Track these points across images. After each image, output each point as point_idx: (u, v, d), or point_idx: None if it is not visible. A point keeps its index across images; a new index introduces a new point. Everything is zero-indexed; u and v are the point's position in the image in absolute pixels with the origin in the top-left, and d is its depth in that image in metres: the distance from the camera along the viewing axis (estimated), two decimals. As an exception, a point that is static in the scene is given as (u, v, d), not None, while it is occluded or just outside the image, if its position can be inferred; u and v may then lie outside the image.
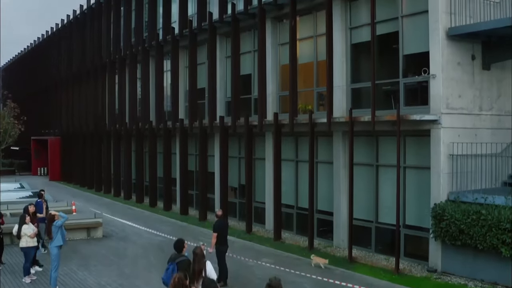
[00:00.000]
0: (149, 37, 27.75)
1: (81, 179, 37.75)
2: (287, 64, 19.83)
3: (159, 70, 27.21)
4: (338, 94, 18.09)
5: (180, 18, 25.17)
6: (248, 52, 22.60)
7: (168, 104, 27.80)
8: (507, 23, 14.63)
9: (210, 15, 23.03)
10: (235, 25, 21.81)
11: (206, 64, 24.23)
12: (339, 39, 18.11)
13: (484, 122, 16.31)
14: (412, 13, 16.31)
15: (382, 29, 17.09)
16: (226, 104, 23.84)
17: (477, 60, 16.11)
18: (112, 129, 32.24)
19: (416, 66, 16.42)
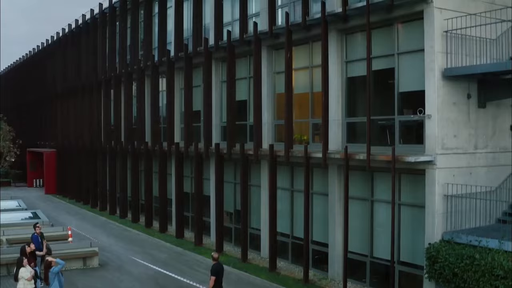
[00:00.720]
0: (145, 57, 27.66)
1: (77, 194, 37.66)
2: (283, 92, 19.82)
3: (155, 90, 27.13)
4: (333, 127, 18.07)
5: (176, 41, 25.09)
6: (244, 78, 22.57)
7: (164, 125, 27.68)
8: (503, 67, 14.67)
9: (206, 40, 22.96)
10: (231, 52, 21.75)
11: (201, 87, 24.18)
12: (334, 72, 18.09)
13: (479, 160, 16.31)
14: (408, 51, 16.30)
15: (378, 64, 17.07)
16: (221, 129, 23.81)
17: (473, 99, 16.10)
18: (108, 146, 32.15)
19: (412, 104, 16.42)
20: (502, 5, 16.81)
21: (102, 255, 21.10)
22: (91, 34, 34.24)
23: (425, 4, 15.31)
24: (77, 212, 33.00)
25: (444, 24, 15.29)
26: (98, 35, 33.21)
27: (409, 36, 16.37)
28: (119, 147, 30.65)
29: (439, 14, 15.27)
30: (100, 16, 32.93)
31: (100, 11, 32.66)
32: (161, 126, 27.87)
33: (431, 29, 15.27)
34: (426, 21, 15.41)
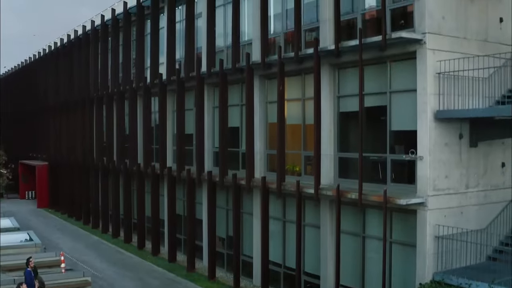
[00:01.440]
0: (137, 78, 27.44)
1: (69, 209, 37.46)
2: (275, 122, 19.77)
3: (147, 111, 26.97)
4: (325, 162, 18.02)
5: (168, 64, 24.87)
6: (236, 105, 22.47)
7: (156, 145, 27.53)
8: (494, 112, 14.67)
9: (198, 67, 22.84)
10: (223, 80, 21.65)
11: (194, 111, 24.08)
12: (327, 106, 18.03)
13: (470, 199, 16.31)
14: (401, 90, 16.25)
15: (370, 101, 17.02)
16: (214, 154, 23.72)
17: (465, 139, 16.08)
18: (100, 164, 31.97)
19: (404, 143, 16.41)
20: (495, 41, 16.89)
21: (95, 283, 20.97)
22: (83, 49, 33.96)
23: (418, 45, 15.26)
24: (70, 230, 32.79)
25: (437, 66, 15.25)
26: (90, 51, 32.95)
27: (402, 75, 16.30)
28: (112, 165, 30.50)
29: (432, 55, 15.22)
30: (92, 32, 32.66)
31: (92, 27, 32.42)
32: (154, 147, 27.75)
33: (423, 70, 15.22)
34: (419, 62, 15.37)
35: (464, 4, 16.04)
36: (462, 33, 15.96)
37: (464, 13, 16.01)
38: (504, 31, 17.07)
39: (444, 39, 15.51)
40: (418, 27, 15.34)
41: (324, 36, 18.09)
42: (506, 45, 17.05)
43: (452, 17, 15.72)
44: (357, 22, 17.43)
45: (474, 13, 16.27)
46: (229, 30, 22.12)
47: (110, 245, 28.69)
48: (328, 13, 17.87)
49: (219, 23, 23.12)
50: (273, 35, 20.67)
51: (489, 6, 16.66)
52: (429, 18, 15.20)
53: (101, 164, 31.77)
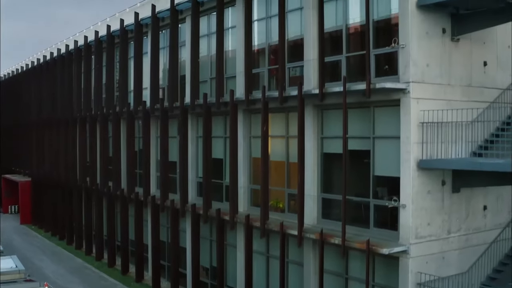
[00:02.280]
0: (120, 102, 26.98)
1: (53, 227, 36.91)
2: (259, 157, 19.61)
3: (130, 136, 26.60)
4: (309, 202, 17.88)
5: (152, 92, 24.51)
6: (220, 137, 22.25)
7: (140, 170, 27.20)
8: (477, 167, 14.63)
9: (182, 98, 22.56)
10: (207, 113, 21.41)
11: (177, 138, 23.81)
12: (311, 147, 17.88)
13: (452, 244, 16.26)
14: (384, 136, 16.16)
15: (354, 145, 16.87)
16: (197, 184, 23.51)
17: (447, 185, 16.03)
18: (83, 185, 31.55)
19: (387, 189, 16.37)
20: (479, 85, 16.83)
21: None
22: (66, 68, 33.40)
23: (402, 94, 15.15)
24: (53, 251, 32.26)
25: (421, 115, 15.17)
26: (74, 70, 32.40)
27: (386, 120, 16.19)
28: (95, 187, 30.10)
29: (416, 104, 15.13)
30: (75, 51, 32.13)
31: (75, 47, 31.90)
32: (137, 171, 27.44)
33: (407, 120, 15.12)
34: (402, 110, 15.27)
35: (449, 49, 15.97)
36: (446, 79, 15.88)
37: (448, 59, 15.94)
38: (488, 75, 17.03)
39: (428, 87, 15.42)
40: (402, 76, 15.24)
41: (308, 76, 17.93)
42: (489, 89, 17.05)
43: (436, 64, 15.64)
44: (342, 63, 17.32)
45: (458, 58, 16.20)
46: (213, 60, 21.87)
47: (94, 269, 28.27)
48: (312, 54, 17.71)
49: (203, 52, 22.87)
50: (257, 69, 20.50)
51: (473, 50, 16.60)
52: (414, 66, 15.10)
53: (84, 185, 31.36)
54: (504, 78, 17.47)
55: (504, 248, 17.33)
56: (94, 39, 29.35)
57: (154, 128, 26.08)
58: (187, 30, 23.22)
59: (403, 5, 15.17)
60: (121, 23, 26.43)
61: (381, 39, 16.39)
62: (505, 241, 17.39)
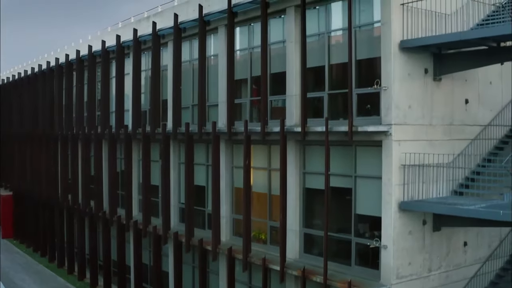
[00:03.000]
0: (102, 124, 26.56)
1: (35, 243, 36.32)
2: (241, 187, 19.45)
3: (112, 158, 26.23)
4: (291, 236, 17.75)
5: (134, 115, 24.17)
6: (202, 165, 22.04)
7: (122, 191, 26.88)
8: (452, 211, 14.60)
9: (164, 126, 22.28)
10: (189, 142, 21.16)
11: (159, 162, 23.53)
12: (293, 181, 17.72)
13: (433, 282, 16.22)
14: (366, 176, 16.07)
15: (336, 181, 16.71)
16: (179, 210, 23.26)
17: (428, 224, 15.99)
18: (65, 203, 31.09)
19: (369, 227, 16.30)
20: (460, 123, 16.80)
21: None
22: (48, 84, 32.78)
23: (384, 136, 15.06)
24: (35, 269, 31.69)
25: (402, 157, 15.10)
26: (55, 86, 31.79)
27: (367, 160, 16.08)
28: (77, 206, 29.68)
29: (398, 146, 15.03)
30: (56, 68, 31.55)
31: (56, 64, 31.35)
32: (119, 193, 27.13)
33: (389, 162, 15.03)
34: (384, 153, 15.17)
35: (431, 89, 15.89)
36: (427, 120, 15.82)
37: (430, 99, 15.86)
38: (470, 112, 17.00)
39: (409, 129, 15.34)
40: (384, 118, 15.14)
41: (290, 111, 17.78)
42: (471, 126, 17.04)
43: (418, 105, 15.56)
44: (324, 100, 17.20)
45: (440, 97, 16.14)
46: (196, 85, 21.59)
47: (75, 291, 27.99)
48: (295, 89, 17.56)
49: (186, 77, 22.59)
50: (240, 100, 20.31)
51: (455, 88, 16.55)
52: (396, 109, 15.00)
53: (66, 203, 30.89)
54: (486, 114, 17.49)
55: (484, 282, 17.45)
56: (76, 57, 28.86)
57: (136, 150, 25.74)
58: (169, 55, 22.94)
59: (386, 47, 15.05)
60: (103, 44, 26.00)
61: (364, 78, 16.30)
62: (485, 275, 17.51)
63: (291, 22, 17.79)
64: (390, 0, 14.89)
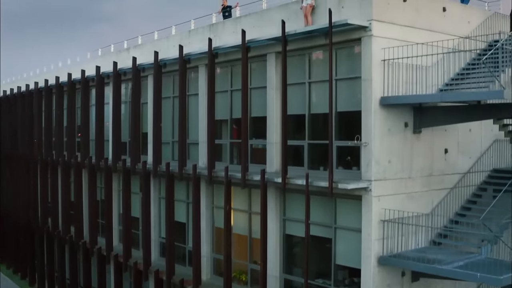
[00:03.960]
0: (82, 154, 26.06)
1: (15, 265, 35.60)
2: (222, 227, 19.27)
3: (92, 188, 25.71)
4: (271, 282, 17.59)
5: (114, 148, 23.80)
6: (183, 201, 21.79)
7: (102, 221, 26.52)
8: (430, 271, 14.58)
9: (144, 163, 21.99)
10: (169, 182, 20.89)
11: (140, 195, 23.24)
12: (273, 227, 17.56)
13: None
14: (346, 228, 15.99)
15: (316, 230, 16.64)
16: (160, 245, 23.01)
17: (407, 276, 15.90)
18: (45, 229, 30.56)
19: (348, 279, 16.25)
20: (440, 173, 16.73)
21: None
22: (27, 106, 32.03)
23: (364, 191, 14.97)
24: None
25: (382, 212, 15.02)
26: (35, 110, 31.16)
27: (348, 212, 15.99)
28: (57, 233, 29.19)
29: (377, 201, 14.96)
30: (35, 92, 30.86)
31: (36, 88, 30.71)
32: (100, 221, 26.78)
33: (369, 217, 14.95)
34: (364, 208, 15.10)
35: (410, 142, 15.82)
36: (407, 173, 15.75)
37: (410, 152, 15.79)
38: (449, 161, 16.97)
39: (389, 184, 15.25)
40: (364, 173, 15.05)
41: (271, 157, 17.65)
42: (450, 175, 17.02)
43: (398, 159, 15.49)
44: (304, 149, 17.08)
45: (419, 149, 16.07)
46: (177, 121, 21.33)
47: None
48: (275, 137, 17.42)
49: (167, 112, 22.32)
50: (220, 140, 20.10)
51: (435, 139, 16.49)
52: (376, 165, 14.92)
53: (46, 228, 30.36)
54: (465, 162, 17.48)
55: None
56: (55, 84, 28.29)
57: (116, 180, 25.35)
58: (150, 88, 22.63)
59: (366, 102, 14.95)
60: (82, 73, 25.45)
61: (345, 131, 16.22)
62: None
63: (272, 68, 17.64)
64: (371, 57, 14.82)
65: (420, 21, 15.98)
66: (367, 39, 14.88)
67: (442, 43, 15.33)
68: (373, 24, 14.76)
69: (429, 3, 16.48)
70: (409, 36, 15.63)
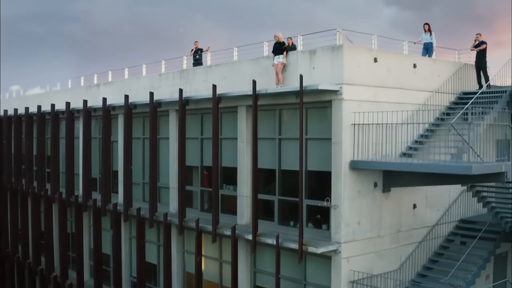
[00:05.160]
0: (52, 188, 25.36)
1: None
2: (192, 272, 19.02)
3: (62, 223, 25.04)
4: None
5: (84, 187, 23.25)
6: (153, 243, 21.41)
7: (73, 254, 25.95)
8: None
9: (115, 205, 21.47)
10: (140, 226, 20.49)
11: (110, 233, 22.78)
12: (243, 278, 17.34)
13: None
14: (316, 285, 15.80)
15: (286, 285, 16.39)
16: (132, 284, 22.60)
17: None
18: (16, 258, 29.78)
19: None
20: (408, 229, 16.67)
21: None
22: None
23: (334, 253, 14.85)
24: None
25: (351, 274, 14.88)
26: (4, 137, 30.29)
27: (318, 272, 15.84)
28: (27, 264, 28.47)
29: (347, 263, 14.90)
30: (5, 119, 30.04)
31: (5, 117, 29.90)
32: (70, 254, 26.22)
33: (338, 279, 14.85)
34: (333, 270, 15.04)
35: (379, 201, 15.71)
36: (376, 232, 15.65)
37: (379, 211, 15.69)
38: (417, 216, 16.92)
39: (358, 244, 15.15)
40: (334, 235, 14.92)
41: (241, 210, 17.44)
42: (419, 229, 16.99)
43: (367, 220, 15.37)
44: (275, 204, 16.88)
45: (388, 208, 15.99)
46: (147, 162, 20.90)
47: None
48: (246, 190, 17.19)
49: (137, 152, 21.89)
50: (191, 187, 19.78)
51: (403, 196, 16.41)
52: (345, 227, 14.80)
53: (17, 258, 29.60)
54: (433, 215, 17.47)
55: None
56: (25, 114, 27.52)
57: (87, 216, 24.64)
58: (120, 128, 22.16)
59: (336, 165, 14.80)
60: (52, 108, 24.85)
61: (315, 189, 16.07)
62: None
63: (243, 122, 17.38)
64: (341, 121, 14.65)
65: (391, 80, 15.88)
66: (337, 102, 14.72)
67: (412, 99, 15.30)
68: (344, 88, 14.60)
69: (400, 61, 16.41)
70: (380, 96, 15.54)
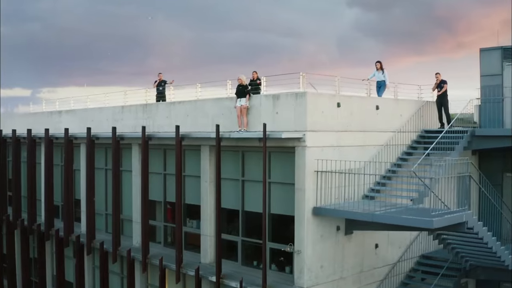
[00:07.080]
0: (14, 215, 24.45)
1: None
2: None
3: (25, 253, 24.21)
4: None
5: (46, 214, 22.49)
6: (117, 274, 20.83)
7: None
8: None
9: (78, 237, 20.81)
10: (103, 261, 19.91)
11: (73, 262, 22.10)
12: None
13: None
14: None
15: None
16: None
17: None
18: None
19: None
20: (370, 268, 16.52)
21: None
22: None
23: (299, 299, 14.69)
24: None
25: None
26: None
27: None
28: None
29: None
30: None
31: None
32: (33, 279, 25.36)
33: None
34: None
35: (342, 244, 15.47)
36: (338, 274, 15.43)
37: (341, 253, 15.45)
38: (379, 255, 16.75)
39: (322, 287, 14.99)
40: (297, 280, 14.67)
41: (205, 249, 17.06)
42: (380, 268, 16.84)
43: (330, 263, 15.12)
44: (238, 245, 16.56)
45: (351, 249, 15.76)
46: (110, 193, 20.32)
47: None
48: (209, 230, 16.81)
49: (100, 182, 21.27)
50: (155, 222, 19.29)
51: (366, 237, 16.22)
52: (308, 272, 14.54)
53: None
54: (395, 252, 17.35)
55: None
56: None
57: (49, 244, 23.90)
58: (82, 157, 21.50)
59: (299, 212, 14.52)
60: (13, 133, 23.95)
61: (278, 233, 15.76)
62: None
63: (206, 161, 16.97)
64: (304, 167, 14.38)
65: (354, 123, 15.67)
66: (301, 149, 14.43)
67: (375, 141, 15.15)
68: (307, 135, 14.32)
69: (363, 103, 16.22)
70: (343, 140, 15.32)
